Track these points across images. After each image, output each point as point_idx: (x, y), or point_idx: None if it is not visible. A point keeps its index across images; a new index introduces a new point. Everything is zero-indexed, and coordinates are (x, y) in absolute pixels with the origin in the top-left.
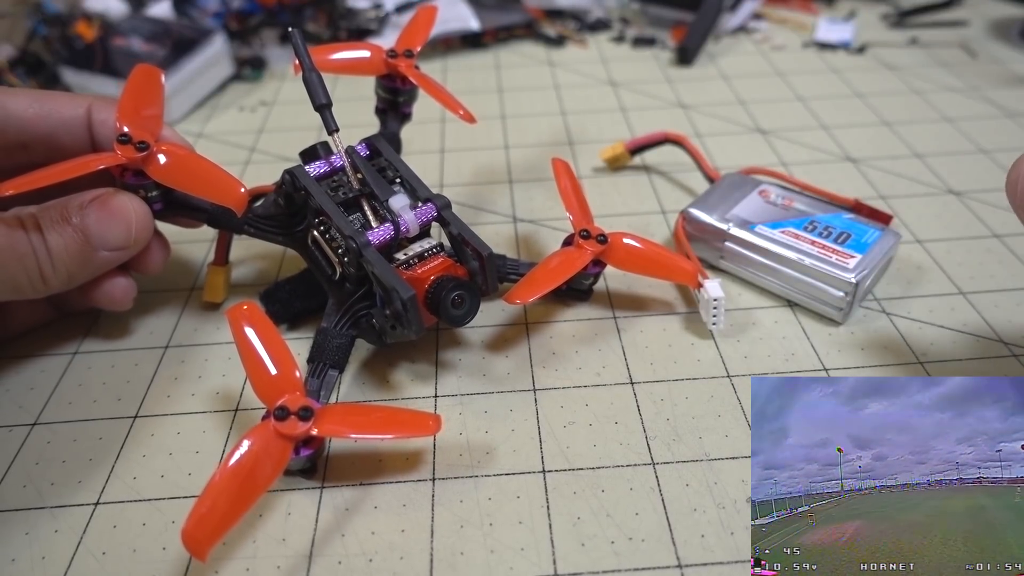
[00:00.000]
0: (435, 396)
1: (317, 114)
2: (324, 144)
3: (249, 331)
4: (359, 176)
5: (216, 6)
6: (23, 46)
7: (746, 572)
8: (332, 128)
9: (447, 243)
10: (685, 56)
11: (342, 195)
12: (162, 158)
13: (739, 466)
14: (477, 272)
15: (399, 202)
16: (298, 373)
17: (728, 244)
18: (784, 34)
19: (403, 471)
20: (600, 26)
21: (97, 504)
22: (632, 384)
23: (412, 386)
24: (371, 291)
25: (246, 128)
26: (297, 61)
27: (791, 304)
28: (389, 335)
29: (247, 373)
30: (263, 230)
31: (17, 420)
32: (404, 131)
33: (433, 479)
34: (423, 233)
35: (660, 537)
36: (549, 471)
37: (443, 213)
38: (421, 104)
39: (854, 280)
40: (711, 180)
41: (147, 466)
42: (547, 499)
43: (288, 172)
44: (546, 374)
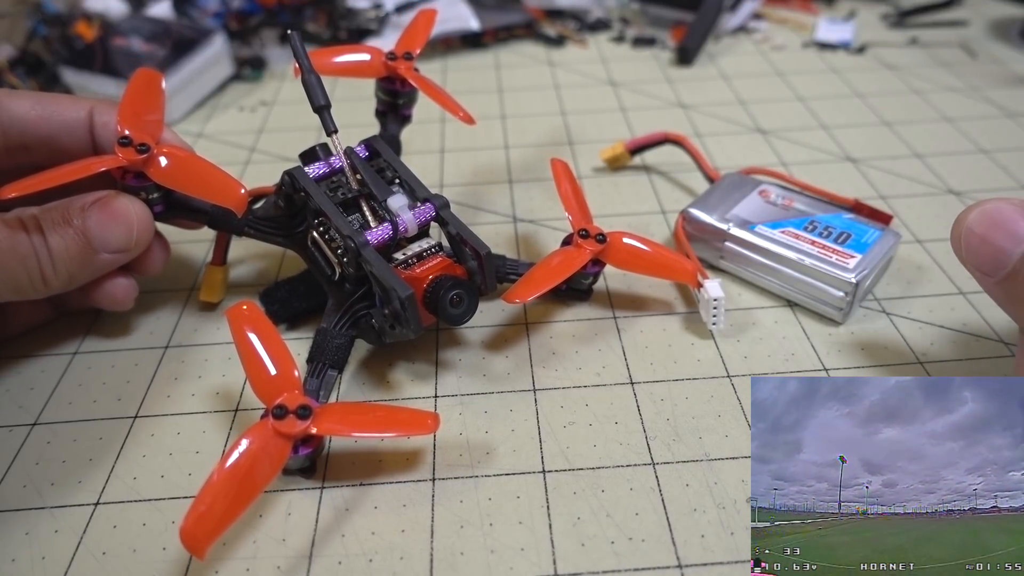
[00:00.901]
0: (435, 396)
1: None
2: (324, 146)
3: (248, 331)
4: (358, 177)
5: (216, 6)
6: (23, 46)
7: (746, 572)
8: (331, 129)
9: (446, 243)
10: (685, 56)
11: (341, 196)
12: (163, 160)
13: (739, 466)
14: (476, 271)
15: (397, 202)
16: (297, 373)
17: (728, 244)
18: (784, 34)
19: (403, 471)
20: (600, 26)
21: (97, 504)
22: (632, 384)
23: (412, 386)
24: (370, 291)
25: (246, 128)
26: (297, 64)
27: (791, 304)
28: (388, 335)
29: (246, 372)
30: (263, 231)
31: (17, 420)
32: (404, 131)
33: (433, 479)
34: (422, 233)
35: (660, 537)
36: (549, 471)
37: (441, 213)
38: (421, 104)
39: (854, 280)
40: (711, 180)
41: (147, 466)
42: (547, 499)
43: (287, 173)
44: (546, 374)
